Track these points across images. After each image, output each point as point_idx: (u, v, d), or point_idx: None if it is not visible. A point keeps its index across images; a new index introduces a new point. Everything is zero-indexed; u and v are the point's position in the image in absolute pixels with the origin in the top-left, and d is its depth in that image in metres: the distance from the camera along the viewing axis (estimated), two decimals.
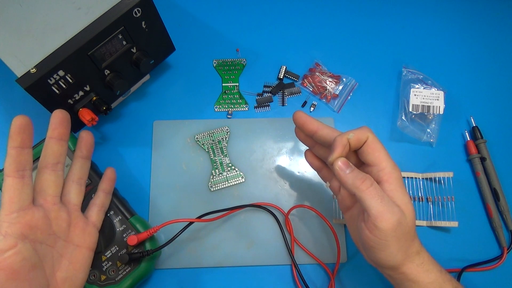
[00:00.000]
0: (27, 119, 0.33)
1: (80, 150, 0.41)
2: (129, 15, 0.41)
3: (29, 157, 0.33)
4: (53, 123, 0.36)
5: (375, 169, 0.35)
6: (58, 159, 0.36)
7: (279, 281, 0.45)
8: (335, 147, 0.35)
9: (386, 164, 0.35)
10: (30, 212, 0.32)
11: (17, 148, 0.32)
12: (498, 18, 0.59)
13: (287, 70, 0.55)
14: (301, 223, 0.47)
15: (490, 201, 0.48)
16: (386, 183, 0.34)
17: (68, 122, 0.37)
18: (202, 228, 0.47)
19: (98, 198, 0.41)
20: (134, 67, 0.46)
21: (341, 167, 0.34)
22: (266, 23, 0.58)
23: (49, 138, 0.36)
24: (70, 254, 0.36)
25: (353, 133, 0.35)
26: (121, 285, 0.40)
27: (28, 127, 0.33)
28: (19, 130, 0.32)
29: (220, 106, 0.53)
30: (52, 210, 0.35)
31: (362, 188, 0.33)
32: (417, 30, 0.58)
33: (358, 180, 0.33)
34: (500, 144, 0.52)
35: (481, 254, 0.47)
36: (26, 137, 0.32)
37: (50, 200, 0.35)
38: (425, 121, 0.52)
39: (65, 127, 0.37)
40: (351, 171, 0.34)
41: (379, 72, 0.55)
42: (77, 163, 0.40)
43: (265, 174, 0.50)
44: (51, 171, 0.36)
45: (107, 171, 0.43)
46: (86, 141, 0.41)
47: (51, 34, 0.40)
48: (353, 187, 0.33)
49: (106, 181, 0.43)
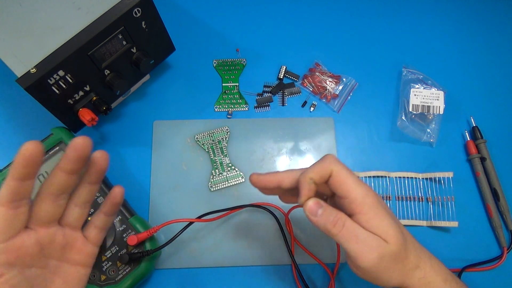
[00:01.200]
0: (39, 147, 0.27)
1: (90, 176, 0.32)
2: (129, 15, 0.41)
3: (30, 188, 0.28)
4: (70, 154, 0.29)
5: (347, 201, 0.33)
6: (64, 191, 0.31)
7: (279, 281, 0.45)
8: (300, 189, 0.33)
9: (355, 195, 0.32)
10: (19, 239, 0.29)
11: (19, 180, 0.27)
12: (498, 18, 0.59)
13: (287, 70, 0.55)
14: (301, 223, 0.47)
15: (490, 201, 0.48)
16: (359, 214, 0.33)
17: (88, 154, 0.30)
18: (202, 228, 0.47)
19: (98, 220, 0.35)
20: (134, 67, 0.46)
21: (310, 211, 0.33)
22: (266, 23, 0.58)
23: (59, 170, 0.30)
24: (64, 273, 0.33)
25: (313, 171, 0.33)
26: (121, 285, 0.40)
27: (38, 158, 0.27)
28: (27, 163, 0.27)
29: (220, 106, 0.53)
30: (47, 235, 0.31)
31: (335, 232, 0.32)
32: (417, 30, 0.58)
33: (329, 224, 0.32)
34: (500, 144, 0.52)
35: (481, 254, 0.47)
36: (32, 170, 0.27)
37: (45, 226, 0.31)
38: (425, 121, 0.52)
39: (83, 162, 0.30)
40: (322, 212, 0.33)
41: (379, 72, 0.55)
42: (84, 188, 0.33)
43: None
44: (53, 202, 0.31)
45: (113, 192, 0.34)
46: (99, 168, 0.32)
47: (51, 34, 0.40)
48: (326, 231, 0.33)
49: (110, 204, 0.35)
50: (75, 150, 0.29)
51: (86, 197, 0.33)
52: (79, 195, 0.32)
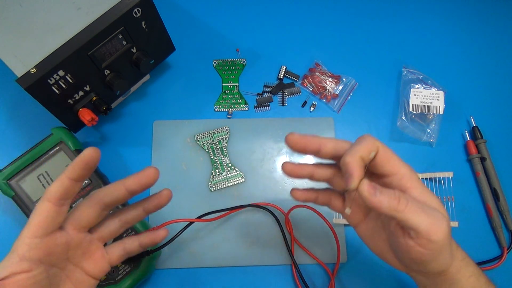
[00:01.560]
0: (98, 154, 0.30)
1: (148, 205, 0.35)
2: (129, 15, 0.41)
3: (78, 189, 0.31)
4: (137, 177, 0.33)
5: (395, 178, 0.31)
6: (115, 205, 0.33)
7: (279, 281, 0.45)
8: (352, 170, 0.30)
9: (404, 170, 0.31)
10: (53, 238, 0.31)
11: (71, 180, 0.30)
12: (498, 18, 0.59)
13: (287, 70, 0.55)
14: (301, 223, 0.47)
15: (490, 201, 0.48)
16: (412, 189, 0.31)
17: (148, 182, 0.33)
18: (202, 228, 0.47)
19: (130, 245, 0.37)
20: (134, 67, 0.46)
21: (370, 191, 0.29)
22: (266, 23, 0.58)
23: (124, 187, 0.33)
24: (76, 280, 0.34)
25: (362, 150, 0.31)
26: (121, 285, 0.40)
27: (95, 164, 0.30)
28: (85, 165, 0.30)
29: (220, 106, 0.53)
30: (76, 238, 0.33)
31: (401, 207, 0.29)
32: (417, 30, 0.58)
33: (394, 200, 0.29)
34: (500, 144, 0.52)
35: (481, 254, 0.47)
36: (87, 172, 0.30)
37: (79, 230, 0.33)
38: (425, 121, 0.52)
39: (149, 187, 0.34)
40: (381, 193, 0.29)
41: (379, 72, 0.55)
42: (136, 211, 0.35)
43: (265, 174, 0.50)
44: (99, 210, 0.33)
45: (160, 232, 0.37)
46: (160, 203, 0.36)
47: (51, 34, 0.40)
48: (390, 209, 0.29)
49: (149, 240, 0.37)
50: (147, 177, 0.33)
51: (131, 219, 0.35)
52: (127, 214, 0.35)
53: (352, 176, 0.30)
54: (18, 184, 0.43)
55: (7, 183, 0.43)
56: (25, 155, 0.44)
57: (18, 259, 0.29)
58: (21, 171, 0.43)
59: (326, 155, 0.33)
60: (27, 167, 0.43)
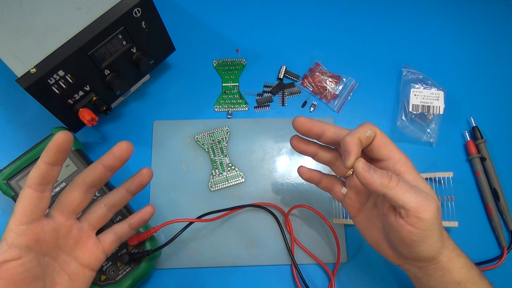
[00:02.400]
0: (70, 137, 0.30)
1: (131, 185, 0.36)
2: (129, 15, 0.41)
3: (56, 174, 0.31)
4: (113, 153, 0.33)
5: (390, 162, 0.34)
6: (96, 184, 0.34)
7: (279, 281, 0.45)
8: (349, 149, 0.32)
9: (399, 156, 0.34)
10: (40, 224, 0.31)
11: (48, 165, 0.30)
12: (498, 18, 0.59)
13: (287, 70, 0.55)
14: (301, 223, 0.47)
15: (490, 201, 0.48)
16: (405, 173, 0.33)
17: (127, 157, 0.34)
18: (202, 228, 0.47)
19: (120, 229, 0.37)
20: (134, 67, 0.46)
21: (364, 168, 0.32)
22: (266, 23, 0.58)
23: (100, 163, 0.33)
24: (71, 271, 0.34)
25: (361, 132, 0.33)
26: (121, 285, 0.40)
27: (68, 147, 0.31)
28: (56, 149, 0.30)
29: (220, 106, 0.53)
30: (65, 225, 0.33)
31: (392, 185, 0.31)
32: (417, 30, 0.58)
33: (385, 178, 0.31)
34: (500, 144, 0.52)
35: (481, 254, 0.47)
36: (61, 156, 0.31)
37: (66, 215, 0.34)
38: (425, 121, 0.52)
39: (124, 161, 0.34)
40: (374, 171, 0.32)
41: (379, 72, 0.55)
42: (120, 192, 0.36)
43: (265, 174, 0.50)
44: (83, 192, 0.34)
45: (145, 210, 0.38)
46: (141, 181, 0.36)
47: (51, 34, 0.40)
48: (382, 186, 0.31)
49: (138, 219, 0.38)
50: (120, 150, 0.33)
51: (117, 202, 0.36)
52: (112, 197, 0.36)
53: (350, 154, 0.32)
54: (18, 184, 0.43)
55: (7, 183, 0.43)
56: (25, 155, 0.44)
57: (7, 247, 0.30)
58: (21, 171, 0.43)
59: (327, 139, 0.36)
60: (27, 167, 0.43)
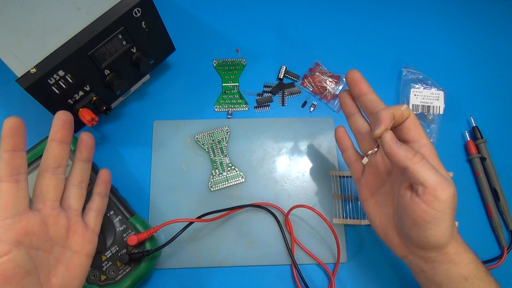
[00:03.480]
0: (19, 120, 0.31)
1: (80, 153, 0.39)
2: (129, 15, 0.41)
3: (23, 161, 0.32)
4: (55, 125, 0.35)
5: (417, 145, 0.34)
6: (60, 163, 0.35)
7: (279, 281, 0.45)
8: (381, 119, 0.33)
9: (426, 141, 0.34)
10: (25, 217, 0.32)
11: (10, 152, 0.31)
12: (498, 18, 0.59)
13: (287, 70, 0.55)
14: (301, 223, 0.47)
15: (490, 201, 0.48)
16: (429, 158, 0.33)
17: (71, 124, 0.36)
18: (202, 228, 0.47)
19: (94, 203, 0.40)
20: (134, 67, 0.46)
21: (391, 139, 0.33)
22: (266, 23, 0.58)
23: (51, 140, 0.35)
24: (67, 260, 0.35)
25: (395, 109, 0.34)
26: (121, 285, 0.40)
27: (20, 129, 0.31)
28: (10, 133, 0.31)
29: (220, 106, 0.53)
30: (51, 215, 0.34)
31: (416, 160, 0.31)
32: (417, 30, 0.58)
33: (410, 152, 0.32)
34: (500, 144, 0.52)
35: (481, 254, 0.46)
36: (18, 139, 0.31)
37: (49, 205, 0.34)
38: (425, 121, 0.52)
39: (68, 129, 0.35)
40: (401, 144, 0.33)
41: (379, 72, 0.55)
42: (77, 166, 0.38)
43: (265, 174, 0.50)
44: (52, 175, 0.34)
45: (101, 172, 0.41)
46: (86, 143, 0.39)
47: (51, 34, 0.40)
48: (406, 159, 0.31)
49: (101, 184, 0.41)
50: (59, 118, 0.35)
51: (81, 176, 0.37)
52: (75, 175, 0.37)
53: (380, 124, 0.33)
54: None
55: None
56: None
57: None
58: None
59: (366, 102, 0.37)
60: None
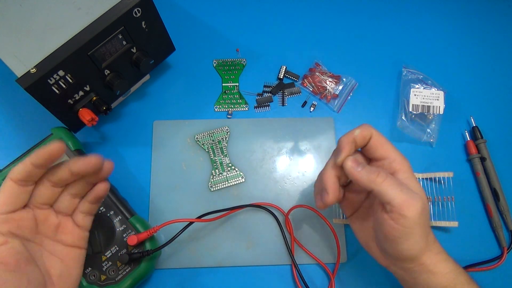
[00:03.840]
0: (63, 147, 0.32)
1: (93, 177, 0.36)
2: (129, 15, 0.41)
3: (40, 174, 0.33)
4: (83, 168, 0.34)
5: (387, 161, 0.35)
6: (62, 185, 0.35)
7: (279, 281, 0.45)
8: (342, 147, 0.35)
9: (395, 155, 0.35)
10: (20, 213, 0.33)
11: (35, 166, 0.32)
12: (498, 18, 0.59)
13: (287, 70, 0.55)
14: (301, 223, 0.47)
15: (490, 201, 0.48)
16: (400, 172, 0.34)
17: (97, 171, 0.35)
18: (202, 228, 0.47)
19: (83, 206, 0.38)
20: (134, 67, 0.46)
21: (352, 165, 0.34)
22: (266, 23, 0.58)
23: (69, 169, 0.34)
24: (60, 253, 0.36)
25: (355, 133, 0.35)
26: (121, 285, 0.40)
27: (58, 156, 0.32)
28: (48, 156, 0.32)
29: (220, 106, 0.53)
30: (41, 213, 0.35)
31: (379, 180, 0.32)
32: (417, 30, 0.58)
33: (373, 174, 0.33)
34: (500, 144, 0.52)
35: (481, 254, 0.47)
36: (50, 162, 0.32)
37: (40, 206, 0.35)
38: (425, 121, 0.52)
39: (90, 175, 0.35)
40: (363, 167, 0.34)
41: (379, 72, 0.55)
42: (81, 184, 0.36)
43: (265, 174, 0.50)
44: (50, 188, 0.35)
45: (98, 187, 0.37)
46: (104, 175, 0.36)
47: (51, 34, 0.40)
48: (369, 181, 0.33)
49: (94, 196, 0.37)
50: (88, 165, 0.34)
51: (79, 191, 0.37)
52: (75, 187, 0.36)
53: (341, 151, 0.35)
54: None
55: None
56: (25, 155, 0.44)
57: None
58: None
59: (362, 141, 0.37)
60: None
